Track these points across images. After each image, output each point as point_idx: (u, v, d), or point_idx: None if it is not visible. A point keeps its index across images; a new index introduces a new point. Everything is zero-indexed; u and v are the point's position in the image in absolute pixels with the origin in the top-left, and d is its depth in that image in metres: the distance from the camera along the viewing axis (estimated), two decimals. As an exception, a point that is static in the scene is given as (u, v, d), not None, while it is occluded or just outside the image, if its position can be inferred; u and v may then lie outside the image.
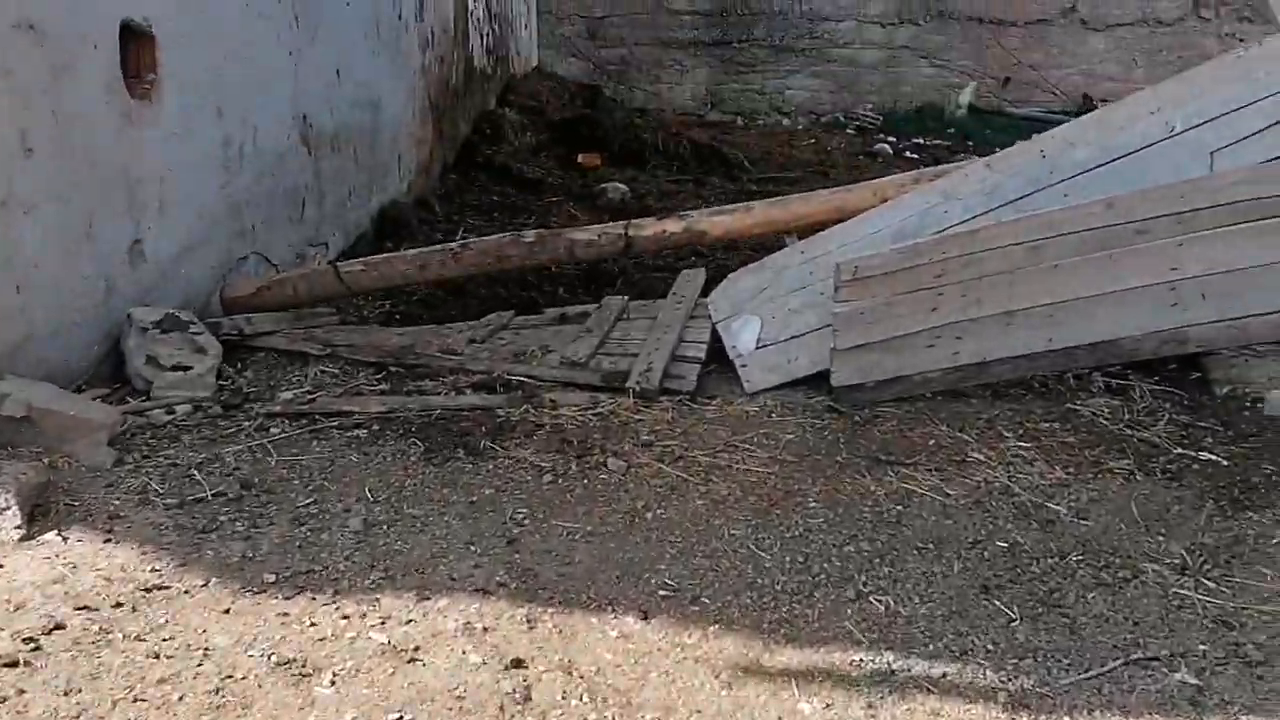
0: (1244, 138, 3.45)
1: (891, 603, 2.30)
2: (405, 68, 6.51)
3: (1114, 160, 3.52)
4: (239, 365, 3.49)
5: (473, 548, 2.38)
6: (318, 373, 3.46)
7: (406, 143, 6.56)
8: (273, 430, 2.97)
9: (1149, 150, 3.53)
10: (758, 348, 3.55)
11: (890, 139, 10.90)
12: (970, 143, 10.64)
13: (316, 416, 3.06)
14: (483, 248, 3.81)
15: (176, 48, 3.67)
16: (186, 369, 3.14)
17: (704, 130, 10.47)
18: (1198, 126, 3.48)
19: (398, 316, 4.48)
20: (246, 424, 3.00)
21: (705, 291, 4.05)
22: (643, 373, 3.35)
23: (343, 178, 5.38)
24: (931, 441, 3.14)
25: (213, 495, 2.58)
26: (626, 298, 4.01)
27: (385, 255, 3.88)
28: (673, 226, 3.73)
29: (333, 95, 5.23)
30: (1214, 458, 3.16)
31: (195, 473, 2.68)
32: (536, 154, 8.42)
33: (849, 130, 11.42)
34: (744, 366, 3.52)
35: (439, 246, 3.85)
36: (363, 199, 5.72)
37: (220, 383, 3.26)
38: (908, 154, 10.22)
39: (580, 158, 8.33)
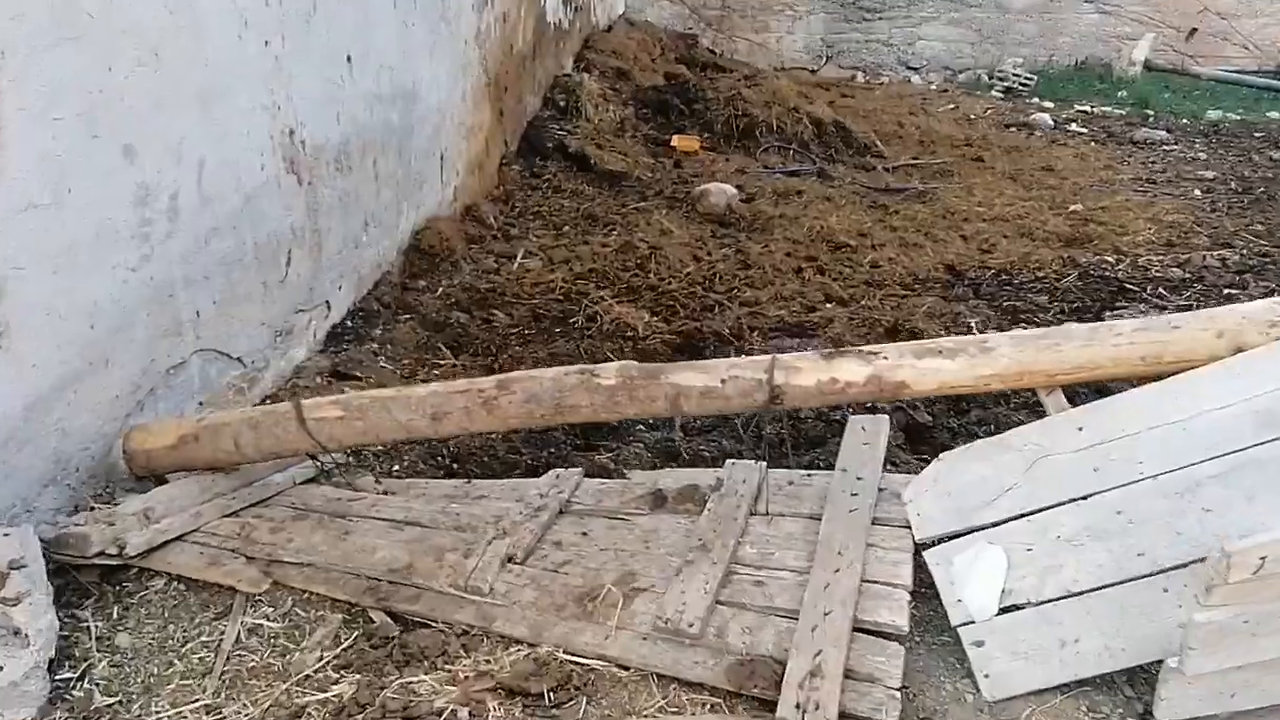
0: None
1: None
2: (453, 37, 4.97)
3: None
4: (116, 612, 2.08)
5: None
6: (241, 634, 2.02)
7: (453, 136, 5.05)
8: None
9: None
10: (1003, 609, 2.01)
11: (1047, 105, 9.03)
12: (1150, 112, 8.71)
13: (195, 808, 1.63)
14: (533, 392, 2.32)
15: (31, 63, 2.21)
16: (-13, 676, 1.74)
17: (822, 93, 8.73)
18: None
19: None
20: (60, 830, 1.59)
21: (893, 451, 2.50)
22: (805, 682, 1.84)
23: (356, 204, 3.91)
24: None
25: None
26: (763, 465, 2.48)
27: (376, 394, 2.43)
28: (849, 373, 2.19)
29: (341, 93, 3.73)
30: None
31: None
32: (620, 133, 6.84)
33: (995, 92, 9.55)
34: (979, 646, 1.99)
35: (462, 385, 2.37)
36: (387, 225, 4.25)
37: (57, 681, 1.85)
38: (1073, 126, 8.38)
39: (674, 140, 6.74)
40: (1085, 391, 2.47)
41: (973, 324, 4.20)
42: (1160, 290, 4.52)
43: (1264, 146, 7.64)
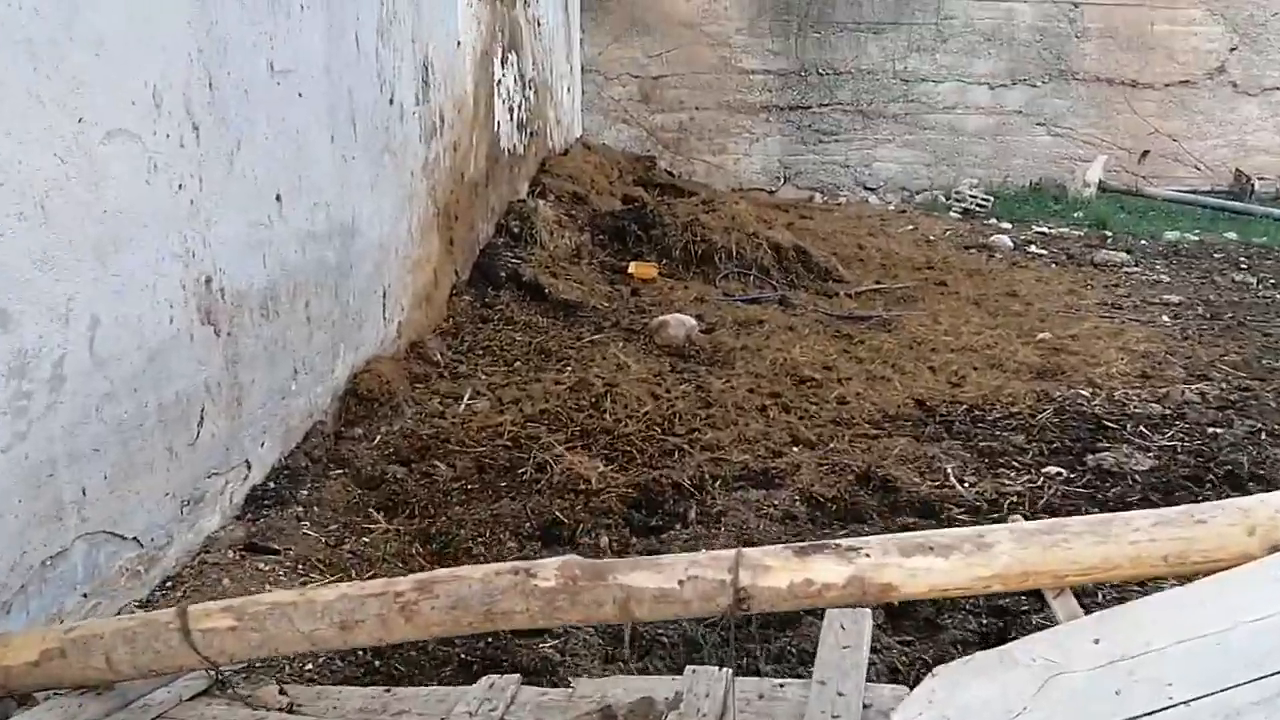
0: None
1: None
2: (398, 169, 4.76)
3: None
4: None
5: None
6: None
7: (397, 270, 4.80)
8: None
9: None
10: None
11: (1005, 226, 9.02)
12: (1108, 233, 8.70)
13: None
14: (459, 596, 2.00)
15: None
16: None
17: (781, 214, 8.68)
18: None
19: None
20: None
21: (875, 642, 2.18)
22: None
23: (284, 352, 3.61)
24: None
25: None
26: (728, 673, 2.15)
27: (276, 600, 2.10)
28: (827, 573, 1.89)
29: (268, 234, 3.47)
30: None
31: None
32: (576, 260, 6.65)
33: (953, 213, 9.55)
34: None
35: (377, 588, 2.05)
36: (319, 371, 3.95)
37: None
38: (1032, 247, 8.34)
39: (632, 267, 6.55)
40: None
41: (949, 470, 3.94)
42: (1141, 428, 4.30)
43: (1225, 268, 7.60)
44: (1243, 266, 7.62)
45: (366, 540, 3.29)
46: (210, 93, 3.08)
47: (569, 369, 4.99)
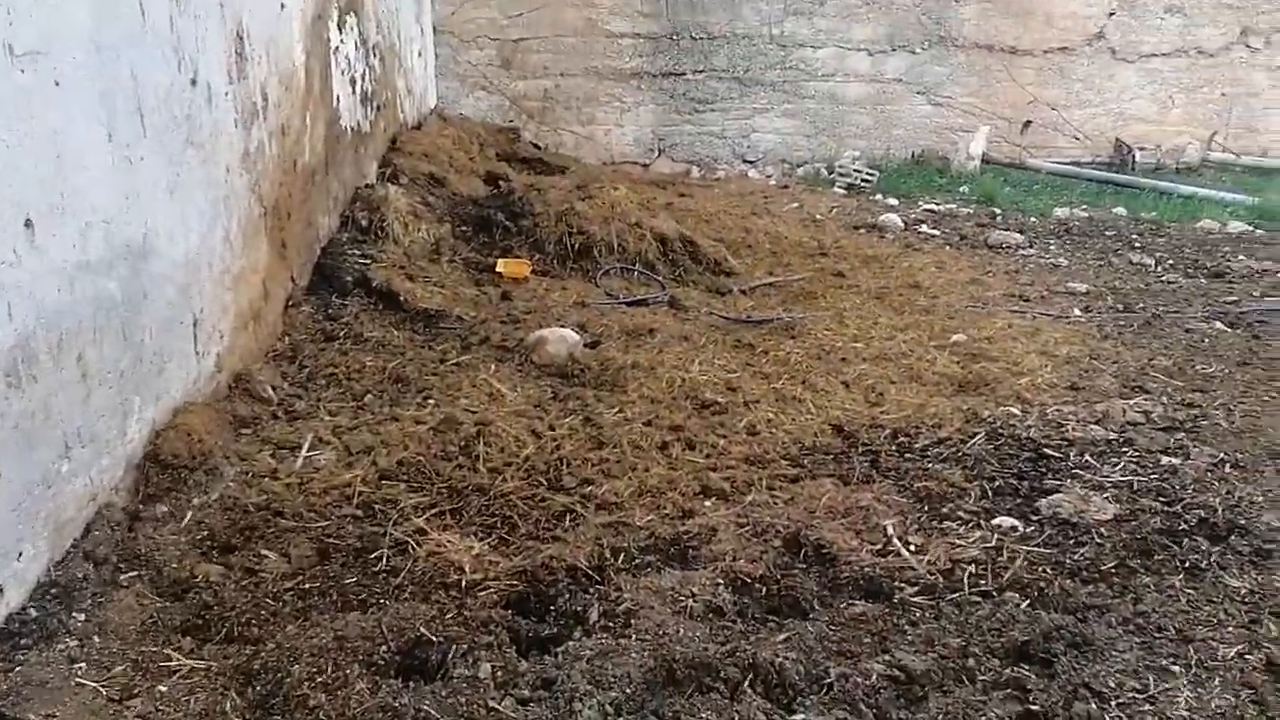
0: None
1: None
2: (207, 164, 3.84)
3: None
4: None
5: None
6: None
7: (213, 289, 3.89)
8: None
9: None
10: None
11: (892, 202, 8.57)
12: (996, 210, 8.34)
13: None
14: None
15: None
16: None
17: (660, 193, 8.00)
18: None
19: None
20: None
21: None
22: None
23: (47, 424, 2.72)
24: None
25: None
26: None
27: None
28: None
29: (13, 275, 2.56)
30: None
31: None
32: (436, 257, 5.80)
33: (837, 189, 9.03)
34: None
35: None
36: (104, 439, 3.05)
37: None
38: (923, 227, 7.91)
39: (500, 265, 5.75)
40: None
41: (889, 528, 3.35)
42: (1087, 457, 3.83)
43: (1119, 248, 7.32)
44: (1137, 246, 7.35)
45: (164, 688, 2.47)
46: (-98, 88, 2.16)
47: (431, 402, 4.19)
